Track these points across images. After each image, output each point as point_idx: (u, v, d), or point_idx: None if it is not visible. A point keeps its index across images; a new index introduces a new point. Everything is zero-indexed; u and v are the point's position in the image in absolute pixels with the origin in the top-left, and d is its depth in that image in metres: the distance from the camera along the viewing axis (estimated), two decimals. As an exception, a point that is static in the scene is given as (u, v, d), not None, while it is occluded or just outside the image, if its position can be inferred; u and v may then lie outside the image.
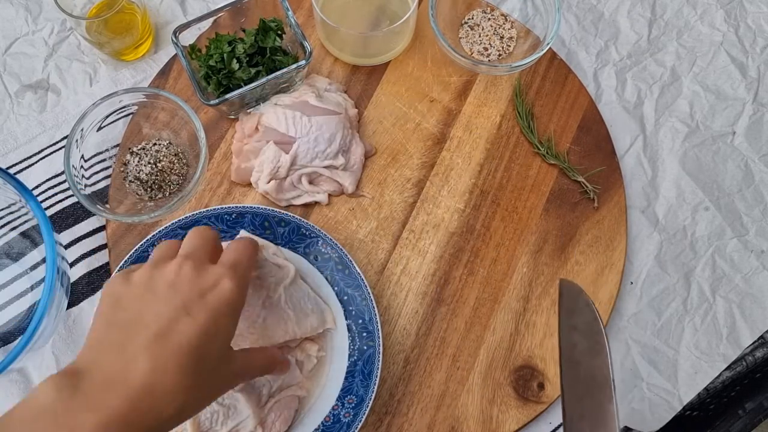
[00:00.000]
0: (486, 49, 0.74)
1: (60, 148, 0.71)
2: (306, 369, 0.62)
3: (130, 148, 0.69)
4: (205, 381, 0.42)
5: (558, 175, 0.70)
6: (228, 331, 0.44)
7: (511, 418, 0.63)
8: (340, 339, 0.63)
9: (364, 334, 0.63)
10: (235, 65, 0.65)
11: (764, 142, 0.74)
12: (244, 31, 0.66)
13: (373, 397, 0.61)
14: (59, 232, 0.68)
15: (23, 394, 0.64)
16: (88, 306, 0.66)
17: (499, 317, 0.66)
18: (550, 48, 0.73)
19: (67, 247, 0.68)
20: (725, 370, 0.67)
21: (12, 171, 0.70)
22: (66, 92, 0.74)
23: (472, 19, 0.75)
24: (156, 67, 0.74)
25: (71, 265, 0.67)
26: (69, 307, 0.66)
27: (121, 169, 0.69)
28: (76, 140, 0.64)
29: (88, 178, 0.67)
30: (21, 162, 0.71)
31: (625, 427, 0.65)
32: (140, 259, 0.63)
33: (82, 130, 0.64)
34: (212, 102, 0.65)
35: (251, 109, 0.69)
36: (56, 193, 0.70)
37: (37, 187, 0.70)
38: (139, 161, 0.68)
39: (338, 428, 0.61)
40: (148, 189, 0.68)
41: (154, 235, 0.64)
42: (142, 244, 0.63)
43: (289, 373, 0.61)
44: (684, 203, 0.71)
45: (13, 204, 0.66)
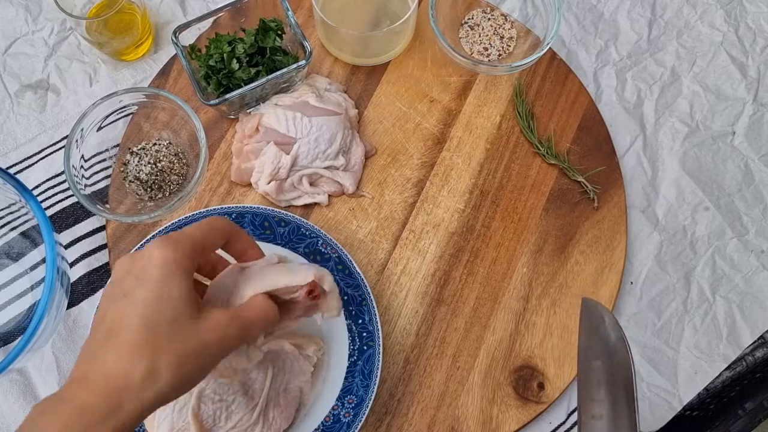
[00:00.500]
0: (486, 49, 0.74)
1: (60, 148, 0.71)
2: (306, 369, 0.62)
3: (130, 148, 0.69)
4: (168, 352, 0.40)
5: (558, 175, 0.70)
6: (170, 293, 0.42)
7: (511, 418, 0.63)
8: (340, 339, 0.63)
9: (364, 334, 0.63)
10: (235, 65, 0.65)
11: (764, 142, 0.74)
12: (244, 31, 0.66)
13: (373, 397, 0.61)
14: (59, 232, 0.68)
15: (23, 394, 0.64)
16: (88, 306, 0.66)
17: (499, 317, 0.66)
18: (550, 48, 0.73)
19: (67, 247, 0.68)
20: (725, 370, 0.67)
21: (12, 171, 0.70)
22: (66, 92, 0.74)
23: (472, 19, 0.75)
24: (156, 67, 0.74)
25: (71, 265, 0.67)
26: (69, 307, 0.66)
27: (121, 169, 0.69)
28: (76, 140, 0.64)
29: (88, 178, 0.67)
30: (21, 162, 0.71)
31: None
32: (140, 259, 0.63)
33: (82, 130, 0.64)
34: (212, 102, 0.65)
35: (251, 110, 0.69)
36: (56, 193, 0.70)
37: (37, 187, 0.70)
38: (139, 161, 0.68)
39: (338, 428, 0.61)
40: (148, 189, 0.68)
41: (153, 235, 0.64)
42: (142, 244, 0.63)
43: (295, 368, 0.61)
44: (684, 203, 0.71)
45: (13, 204, 0.66)
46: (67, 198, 0.70)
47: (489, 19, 0.74)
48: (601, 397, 0.50)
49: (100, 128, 0.68)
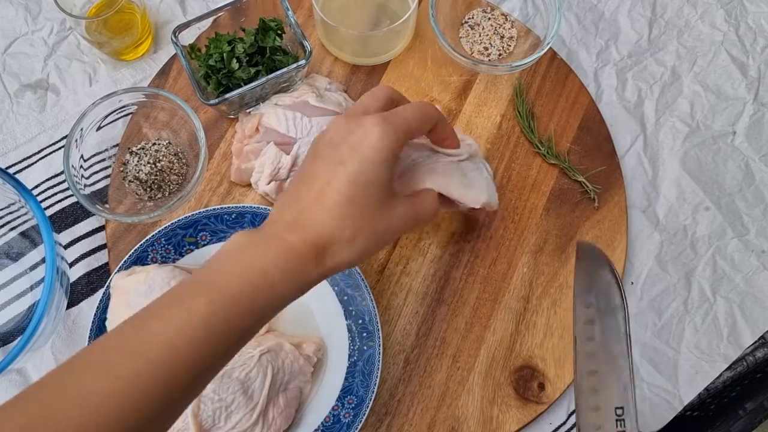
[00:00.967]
0: (486, 49, 0.73)
1: (59, 148, 0.71)
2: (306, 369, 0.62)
3: (129, 148, 0.69)
4: (367, 225, 0.46)
5: (558, 174, 0.70)
6: (379, 176, 0.46)
7: (511, 418, 0.63)
8: (339, 339, 0.63)
9: (364, 334, 0.63)
10: (235, 65, 0.65)
11: (765, 142, 0.73)
12: (244, 30, 0.66)
13: (373, 398, 0.61)
14: (59, 232, 0.68)
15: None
16: (88, 306, 0.66)
17: (500, 317, 0.66)
18: (551, 48, 0.72)
19: (66, 247, 0.68)
20: (726, 370, 0.67)
21: (11, 171, 0.70)
22: (65, 92, 0.74)
23: (473, 18, 0.74)
24: (156, 67, 0.74)
25: (71, 265, 0.67)
26: (68, 307, 0.66)
27: (121, 169, 0.69)
28: (76, 140, 0.64)
29: (87, 178, 0.67)
30: (20, 162, 0.71)
31: (626, 427, 0.65)
32: (140, 260, 0.63)
33: (82, 129, 0.64)
34: (212, 102, 0.65)
35: (251, 109, 0.69)
36: (56, 193, 0.70)
37: (37, 187, 0.70)
38: (138, 161, 0.68)
39: (338, 428, 0.61)
40: (148, 189, 0.68)
41: (153, 235, 0.64)
42: (141, 244, 0.63)
43: (295, 368, 0.61)
44: (684, 203, 0.71)
45: (13, 204, 0.66)
46: (66, 198, 0.69)
47: (489, 19, 0.74)
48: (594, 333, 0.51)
49: (99, 128, 0.67)
